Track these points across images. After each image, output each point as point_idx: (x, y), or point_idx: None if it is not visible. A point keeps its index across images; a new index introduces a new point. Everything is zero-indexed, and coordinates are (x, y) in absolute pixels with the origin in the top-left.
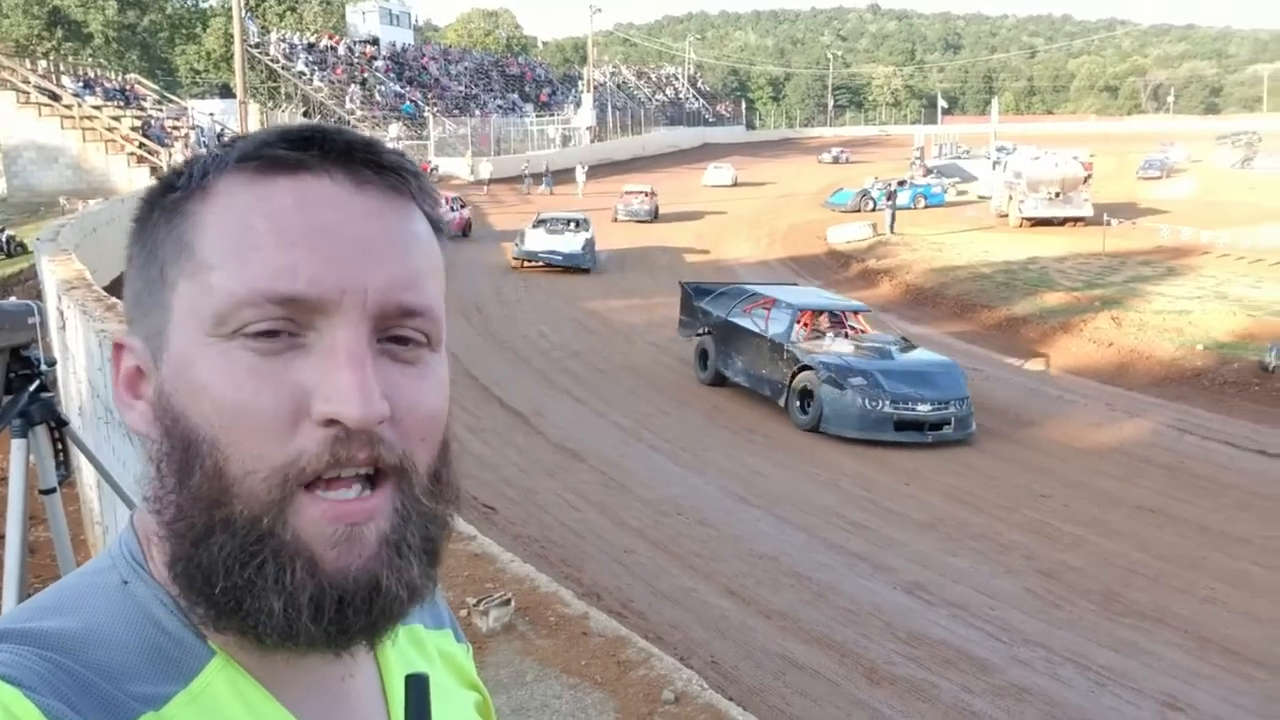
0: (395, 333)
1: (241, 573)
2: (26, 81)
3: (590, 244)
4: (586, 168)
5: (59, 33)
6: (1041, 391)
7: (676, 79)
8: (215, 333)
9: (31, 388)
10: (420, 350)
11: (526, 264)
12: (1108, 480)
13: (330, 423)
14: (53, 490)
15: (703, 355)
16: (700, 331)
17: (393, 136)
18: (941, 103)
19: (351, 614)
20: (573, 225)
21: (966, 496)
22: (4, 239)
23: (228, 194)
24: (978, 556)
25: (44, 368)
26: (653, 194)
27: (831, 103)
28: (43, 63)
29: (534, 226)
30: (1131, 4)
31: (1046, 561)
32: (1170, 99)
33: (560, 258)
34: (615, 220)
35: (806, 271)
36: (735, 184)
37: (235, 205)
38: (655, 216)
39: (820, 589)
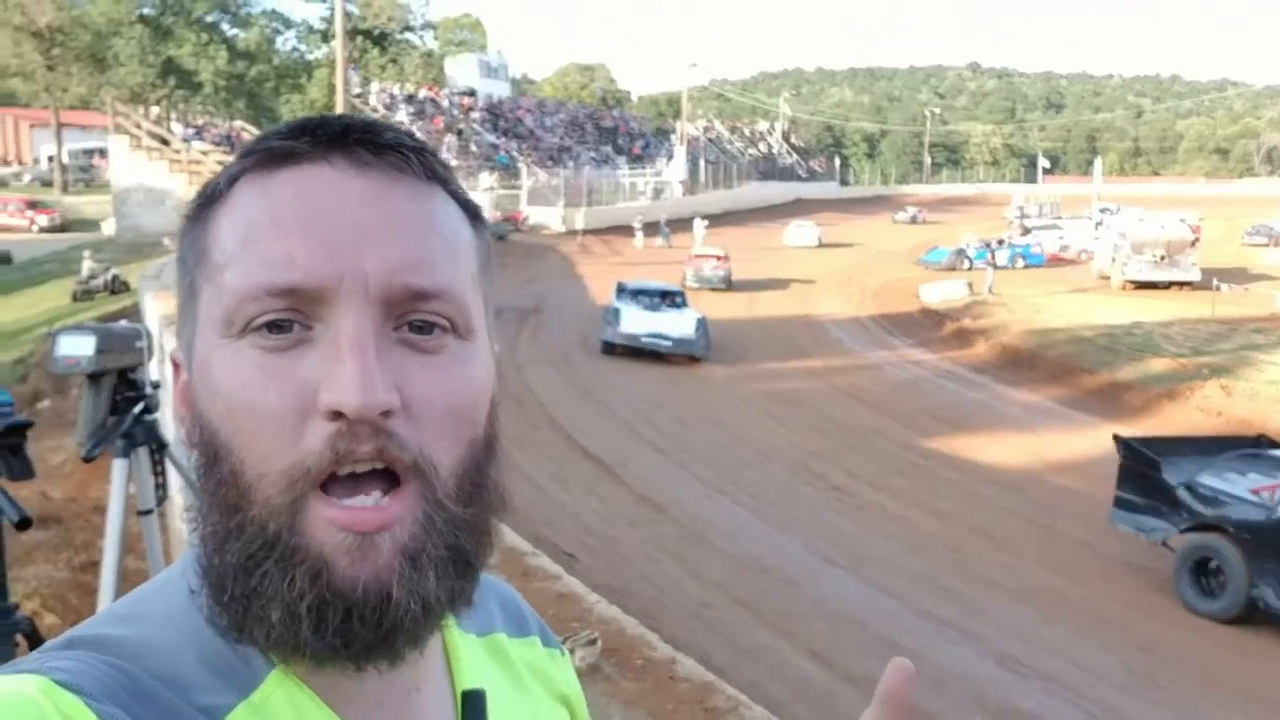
0: (414, 319)
1: (247, 580)
2: (139, 127)
3: (703, 324)
4: (706, 222)
5: (171, 81)
6: None
7: (770, 134)
8: (226, 333)
9: (136, 410)
10: (444, 338)
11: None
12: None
13: (335, 415)
14: (150, 512)
15: (1204, 569)
16: (1188, 527)
17: (485, 186)
18: (1043, 162)
19: (359, 626)
20: (670, 299)
21: (1060, 566)
22: (109, 277)
23: (239, 195)
24: (1073, 629)
25: (149, 390)
26: (726, 258)
27: (928, 160)
28: (155, 109)
29: (622, 299)
30: (1244, 64)
31: (1147, 637)
32: None
33: (669, 343)
34: (683, 286)
35: (898, 329)
36: (820, 244)
37: (243, 204)
38: (729, 284)
39: (908, 655)
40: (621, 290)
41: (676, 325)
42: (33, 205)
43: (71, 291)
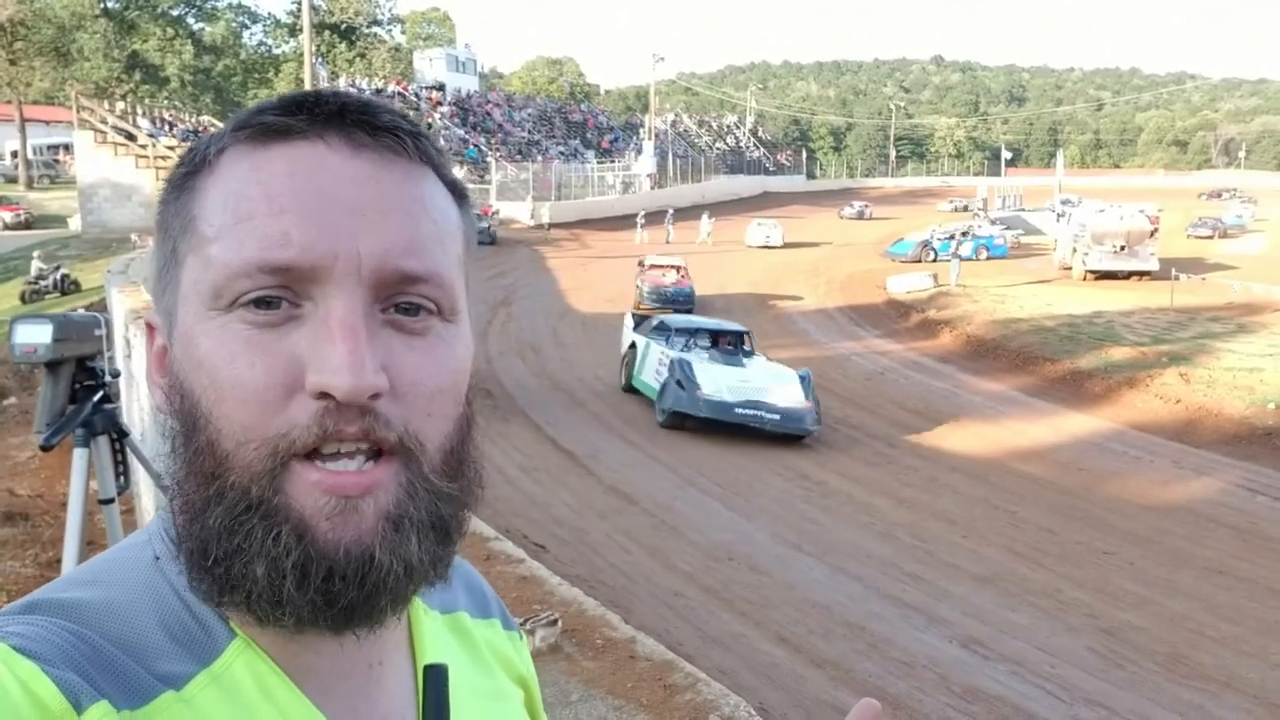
0: (401, 301)
1: (231, 540)
2: (104, 122)
3: (809, 385)
4: (712, 216)
5: (137, 76)
6: (1106, 447)
7: (737, 128)
8: (214, 306)
9: (95, 398)
10: (430, 320)
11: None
12: (1174, 539)
13: (322, 395)
14: (111, 500)
15: None
16: None
17: None
18: (1005, 154)
19: (341, 585)
20: (737, 343)
21: (1026, 551)
22: (59, 277)
23: (229, 166)
24: (1037, 613)
25: (108, 379)
26: (685, 271)
27: (893, 153)
28: (120, 104)
29: (672, 342)
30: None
31: (1109, 620)
32: (1242, 154)
33: (776, 417)
34: (639, 306)
35: (865, 320)
36: (784, 244)
37: (233, 176)
38: (692, 304)
39: (874, 639)
40: (664, 331)
41: (779, 390)
42: None
43: (20, 292)
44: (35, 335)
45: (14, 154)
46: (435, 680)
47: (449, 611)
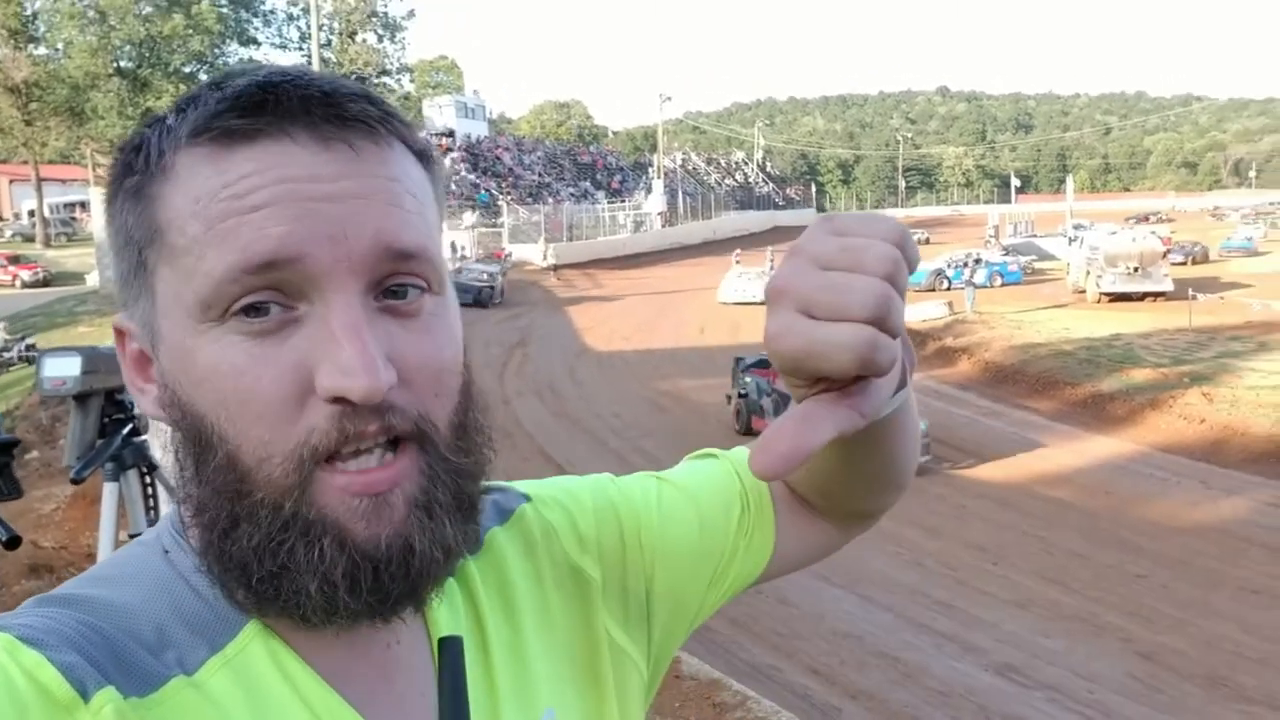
0: (391, 284)
1: (274, 560)
2: None
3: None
4: (773, 255)
5: None
6: (1132, 469)
7: (746, 164)
8: (205, 319)
9: (125, 431)
10: (421, 298)
11: None
12: (1207, 560)
13: (336, 399)
14: (140, 535)
15: None
16: None
17: (468, 224)
18: (1015, 181)
19: (389, 580)
20: None
21: (1057, 576)
22: (24, 347)
23: (188, 171)
24: (1072, 638)
25: (137, 411)
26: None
27: (903, 184)
28: None
29: None
30: (1207, 79)
31: (1146, 643)
32: (1252, 173)
33: None
34: None
35: None
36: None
37: (195, 183)
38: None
39: (908, 669)
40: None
41: None
42: (15, 260)
43: None
44: (64, 368)
45: (31, 213)
46: (450, 653)
47: (477, 551)
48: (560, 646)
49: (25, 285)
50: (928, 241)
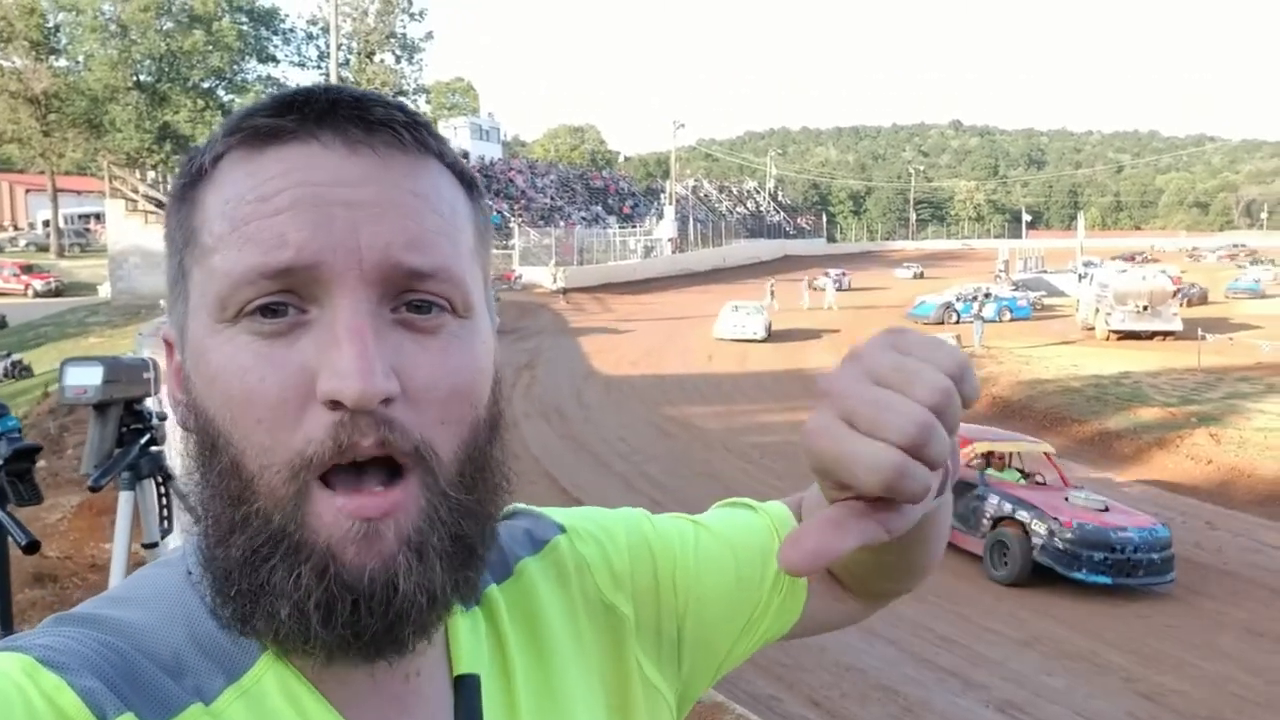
0: (411, 299)
1: (254, 576)
2: (135, 191)
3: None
4: (841, 275)
5: (168, 146)
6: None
7: (757, 192)
8: (221, 318)
9: (142, 441)
10: (443, 317)
11: None
12: (1211, 601)
13: (334, 405)
14: (155, 545)
15: None
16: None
17: None
18: (1026, 217)
19: (367, 615)
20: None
21: (1061, 614)
22: (10, 364)
23: (226, 173)
24: (1074, 676)
25: (155, 422)
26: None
27: (914, 216)
28: (151, 174)
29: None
30: (1221, 120)
31: (1148, 684)
32: (1264, 215)
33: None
34: None
35: None
36: (768, 337)
37: (229, 183)
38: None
39: (909, 704)
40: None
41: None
42: (28, 270)
43: None
44: (85, 377)
45: (46, 223)
46: (467, 691)
47: (504, 579)
48: (593, 677)
49: (37, 294)
50: (922, 276)
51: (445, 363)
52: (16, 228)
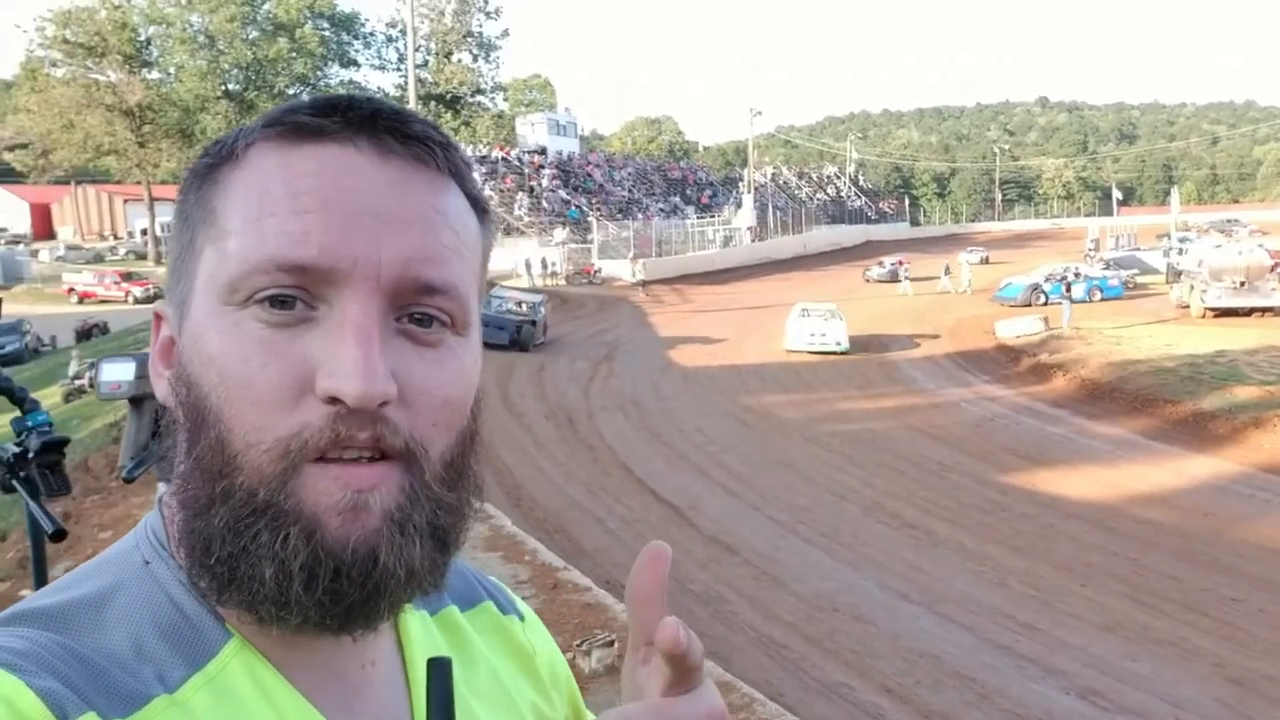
0: (416, 311)
1: (237, 541)
2: None
3: None
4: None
5: None
6: (1232, 490)
7: (838, 178)
8: (229, 301)
9: None
10: (443, 332)
11: None
12: None
13: (332, 400)
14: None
15: None
16: None
17: (558, 240)
18: (1117, 193)
19: (346, 585)
20: None
21: (1148, 599)
22: (94, 375)
23: (256, 161)
24: (1160, 662)
25: None
26: None
27: (999, 197)
28: None
29: None
30: None
31: (1237, 669)
32: None
33: None
34: None
35: (974, 366)
36: (849, 349)
37: (260, 171)
38: None
39: (985, 691)
40: None
41: None
42: (127, 277)
43: (64, 393)
44: (120, 373)
45: (144, 231)
46: (439, 673)
47: (438, 611)
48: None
49: (137, 301)
50: (986, 261)
51: (442, 373)
52: (116, 237)
